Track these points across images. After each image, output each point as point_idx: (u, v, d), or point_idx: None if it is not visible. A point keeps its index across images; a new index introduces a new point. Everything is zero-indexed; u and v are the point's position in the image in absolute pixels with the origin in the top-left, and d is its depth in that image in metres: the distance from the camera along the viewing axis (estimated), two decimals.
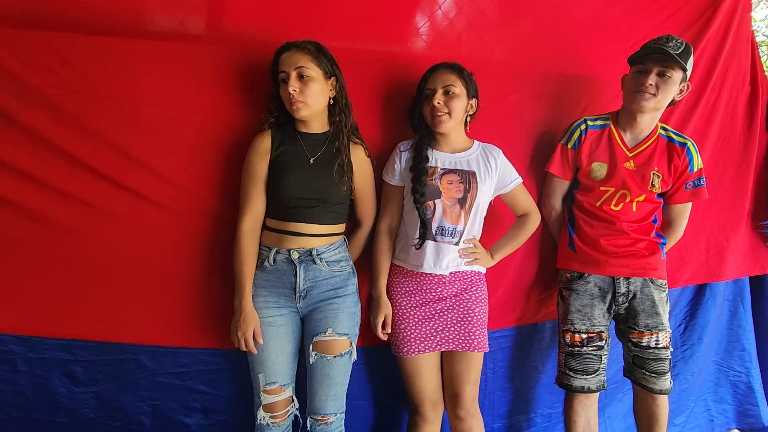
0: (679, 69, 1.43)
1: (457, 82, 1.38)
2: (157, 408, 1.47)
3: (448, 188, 1.40)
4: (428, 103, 1.39)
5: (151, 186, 1.36)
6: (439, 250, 1.40)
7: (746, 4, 1.89)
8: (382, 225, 1.46)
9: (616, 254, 1.54)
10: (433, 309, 1.43)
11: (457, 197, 1.40)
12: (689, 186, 1.56)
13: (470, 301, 1.45)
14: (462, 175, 1.42)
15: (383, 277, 1.46)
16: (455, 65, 1.40)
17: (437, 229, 1.40)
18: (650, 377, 1.54)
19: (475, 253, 1.45)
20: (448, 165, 1.42)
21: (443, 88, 1.37)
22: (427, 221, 1.39)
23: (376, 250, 1.46)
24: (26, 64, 1.26)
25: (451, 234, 1.41)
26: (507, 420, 1.81)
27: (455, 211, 1.40)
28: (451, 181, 1.41)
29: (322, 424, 1.31)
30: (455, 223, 1.41)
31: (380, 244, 1.46)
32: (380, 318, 1.42)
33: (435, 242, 1.40)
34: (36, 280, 1.35)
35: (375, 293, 1.45)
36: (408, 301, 1.44)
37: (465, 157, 1.45)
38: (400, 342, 1.42)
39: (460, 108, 1.39)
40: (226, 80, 1.38)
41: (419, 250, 1.41)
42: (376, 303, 1.44)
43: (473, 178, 1.42)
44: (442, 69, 1.40)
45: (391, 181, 1.45)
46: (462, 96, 1.39)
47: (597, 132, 1.57)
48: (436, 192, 1.39)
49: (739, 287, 2.07)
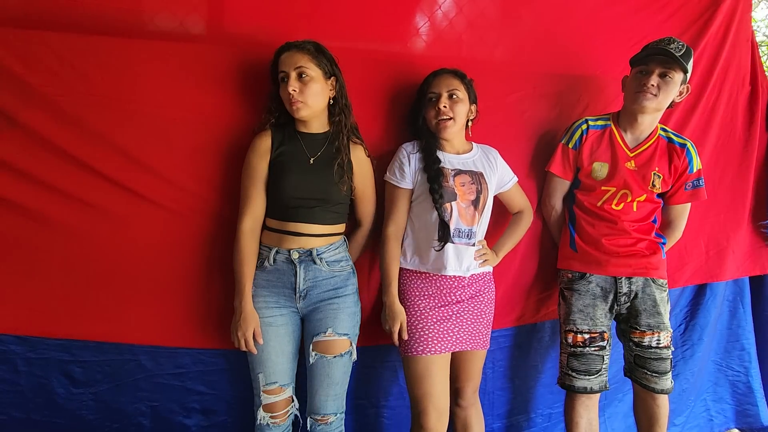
0: (680, 70, 1.44)
1: (461, 87, 1.39)
2: (156, 409, 1.46)
3: (462, 190, 1.40)
4: (432, 107, 1.39)
5: (151, 186, 1.35)
6: (458, 253, 1.40)
7: (746, 4, 1.89)
8: (389, 229, 1.41)
9: (617, 254, 1.54)
10: (450, 311, 1.41)
11: (471, 198, 1.40)
12: (689, 186, 1.57)
13: (483, 303, 1.46)
14: (472, 176, 1.42)
15: (395, 283, 1.41)
16: (457, 71, 1.42)
17: (455, 231, 1.39)
18: (651, 377, 1.54)
19: (485, 254, 1.46)
20: (457, 166, 1.43)
21: (448, 92, 1.38)
22: (446, 223, 1.38)
23: (386, 255, 1.41)
24: (26, 64, 1.26)
25: (468, 235, 1.40)
26: (507, 420, 1.81)
27: (470, 212, 1.40)
28: (464, 182, 1.40)
29: (322, 424, 1.31)
30: (470, 224, 1.41)
31: (390, 249, 1.41)
32: (397, 326, 1.36)
33: (454, 244, 1.39)
34: (36, 280, 1.35)
35: (387, 300, 1.39)
36: (426, 303, 1.40)
37: (470, 158, 1.45)
38: (414, 341, 1.36)
39: (463, 113, 1.40)
40: (226, 80, 1.38)
41: (440, 253, 1.39)
42: (389, 310, 1.38)
43: (482, 179, 1.43)
44: (446, 74, 1.40)
45: (400, 183, 1.41)
46: (465, 101, 1.40)
47: (598, 132, 1.57)
48: (452, 194, 1.38)
49: (739, 287, 2.07)
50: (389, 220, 1.43)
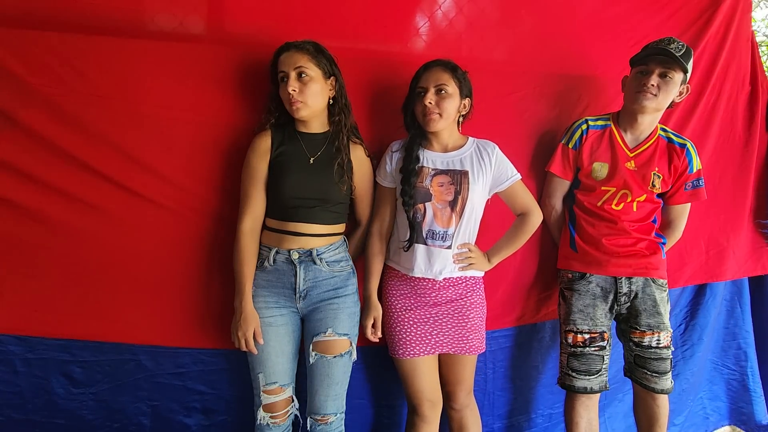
0: (680, 70, 1.44)
1: (450, 82, 1.34)
2: (157, 408, 1.46)
3: (438, 191, 1.37)
4: (420, 102, 1.36)
5: (151, 186, 1.35)
6: (430, 254, 1.38)
7: (746, 4, 1.89)
8: (373, 227, 1.45)
9: (617, 254, 1.54)
10: (428, 313, 1.42)
11: (447, 200, 1.37)
12: (688, 187, 1.57)
13: (466, 307, 1.42)
14: (453, 176, 1.38)
15: (374, 279, 1.44)
16: (449, 63, 1.36)
17: (428, 232, 1.38)
18: (651, 377, 1.54)
19: (470, 257, 1.42)
20: (440, 165, 1.40)
21: (435, 87, 1.33)
22: (417, 224, 1.38)
23: (367, 251, 1.45)
24: (26, 64, 1.26)
25: (442, 238, 1.38)
26: (507, 420, 1.81)
27: (446, 214, 1.37)
28: (442, 183, 1.38)
29: (322, 424, 1.31)
30: (446, 226, 1.38)
31: (371, 245, 1.44)
32: (369, 320, 1.41)
33: (426, 246, 1.38)
34: (35, 280, 1.35)
35: (365, 294, 1.44)
36: (402, 303, 1.42)
37: (458, 155, 1.41)
38: (396, 344, 1.41)
39: (452, 108, 1.36)
40: (226, 80, 1.38)
41: (410, 253, 1.39)
42: (366, 304, 1.43)
43: (465, 179, 1.38)
44: (435, 67, 1.36)
45: (383, 182, 1.43)
46: (455, 96, 1.35)
47: (598, 132, 1.57)
48: (427, 195, 1.37)
49: (737, 287, 2.07)
50: (375, 217, 1.46)
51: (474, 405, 1.53)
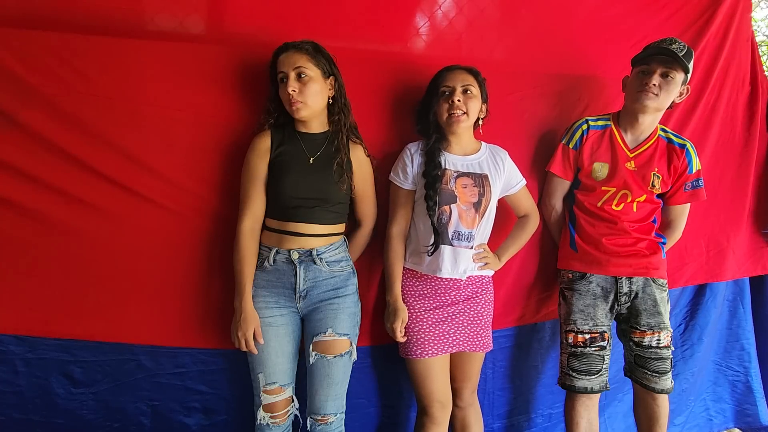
0: (681, 70, 1.44)
1: (475, 84, 1.39)
2: (157, 408, 1.46)
3: (463, 192, 1.39)
4: (445, 102, 1.37)
5: (151, 186, 1.35)
6: (456, 255, 1.40)
7: (746, 4, 1.89)
8: (393, 229, 1.44)
9: (618, 254, 1.54)
10: (446, 312, 1.42)
11: (472, 201, 1.40)
12: (688, 187, 1.57)
13: (480, 304, 1.46)
14: (475, 178, 1.41)
15: (398, 283, 1.43)
16: (472, 69, 1.41)
17: (453, 233, 1.39)
18: (651, 377, 1.54)
19: (486, 257, 1.46)
20: (461, 168, 1.42)
21: (462, 87, 1.36)
22: (443, 226, 1.38)
23: (389, 255, 1.43)
24: (26, 64, 1.26)
25: (467, 238, 1.40)
26: (507, 420, 1.81)
27: (470, 215, 1.40)
28: (466, 184, 1.40)
29: (322, 424, 1.31)
30: (471, 227, 1.40)
31: (393, 249, 1.43)
32: (398, 323, 1.38)
33: (452, 247, 1.39)
34: (35, 280, 1.35)
35: (390, 299, 1.42)
36: (422, 305, 1.42)
37: (476, 159, 1.44)
38: (413, 344, 1.40)
39: (476, 109, 1.39)
40: (226, 80, 1.38)
41: (435, 255, 1.39)
42: (392, 308, 1.41)
43: (486, 181, 1.42)
44: (460, 69, 1.40)
45: (403, 185, 1.42)
46: (478, 98, 1.40)
47: (598, 132, 1.57)
48: (452, 196, 1.38)
49: (739, 287, 2.07)
50: (393, 220, 1.45)
51: (477, 404, 1.54)
